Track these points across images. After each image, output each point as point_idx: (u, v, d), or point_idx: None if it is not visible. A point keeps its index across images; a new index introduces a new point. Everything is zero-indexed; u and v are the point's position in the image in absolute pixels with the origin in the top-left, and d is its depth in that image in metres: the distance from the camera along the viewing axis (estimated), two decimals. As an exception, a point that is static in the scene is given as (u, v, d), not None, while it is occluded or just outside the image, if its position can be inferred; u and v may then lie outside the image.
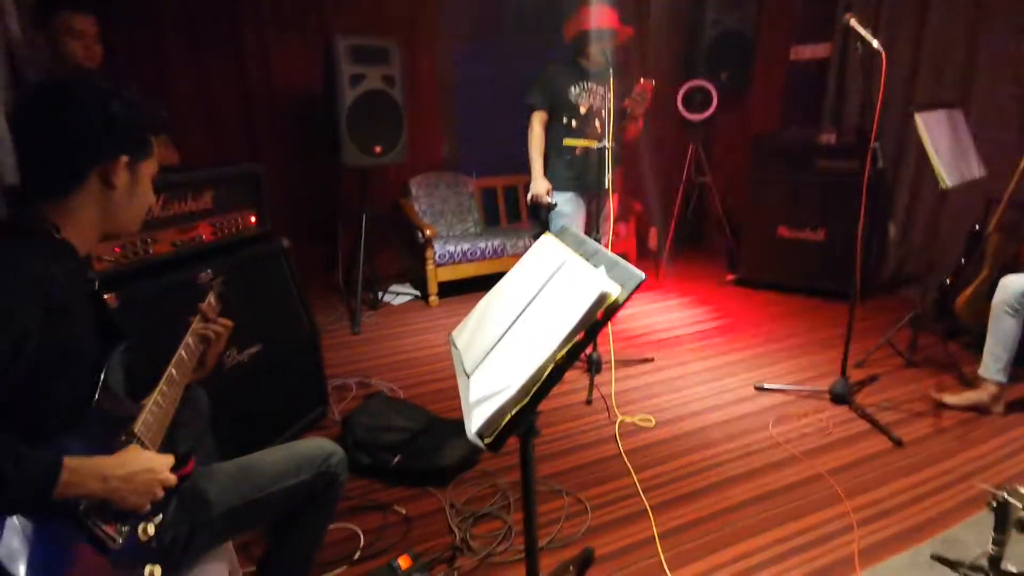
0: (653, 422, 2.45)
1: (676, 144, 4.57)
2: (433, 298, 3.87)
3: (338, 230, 4.00)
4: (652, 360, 3.03)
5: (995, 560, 1.54)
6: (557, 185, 3.01)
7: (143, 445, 1.01)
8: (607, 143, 2.62)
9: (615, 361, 2.87)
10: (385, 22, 3.87)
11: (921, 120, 2.47)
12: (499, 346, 1.15)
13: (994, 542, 1.52)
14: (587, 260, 1.15)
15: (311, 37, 3.76)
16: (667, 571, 1.66)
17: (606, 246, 2.69)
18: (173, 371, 1.14)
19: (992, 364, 2.38)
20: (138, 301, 1.67)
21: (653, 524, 1.85)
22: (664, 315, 3.66)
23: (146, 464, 0.96)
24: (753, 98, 4.63)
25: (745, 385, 2.75)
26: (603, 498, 2.00)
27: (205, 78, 3.58)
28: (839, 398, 2.52)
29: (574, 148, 3.00)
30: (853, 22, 2.28)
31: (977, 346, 2.46)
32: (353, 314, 3.56)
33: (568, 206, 3.05)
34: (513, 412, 0.96)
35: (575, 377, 2.82)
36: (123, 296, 1.63)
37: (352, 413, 2.32)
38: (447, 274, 3.89)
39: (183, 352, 1.16)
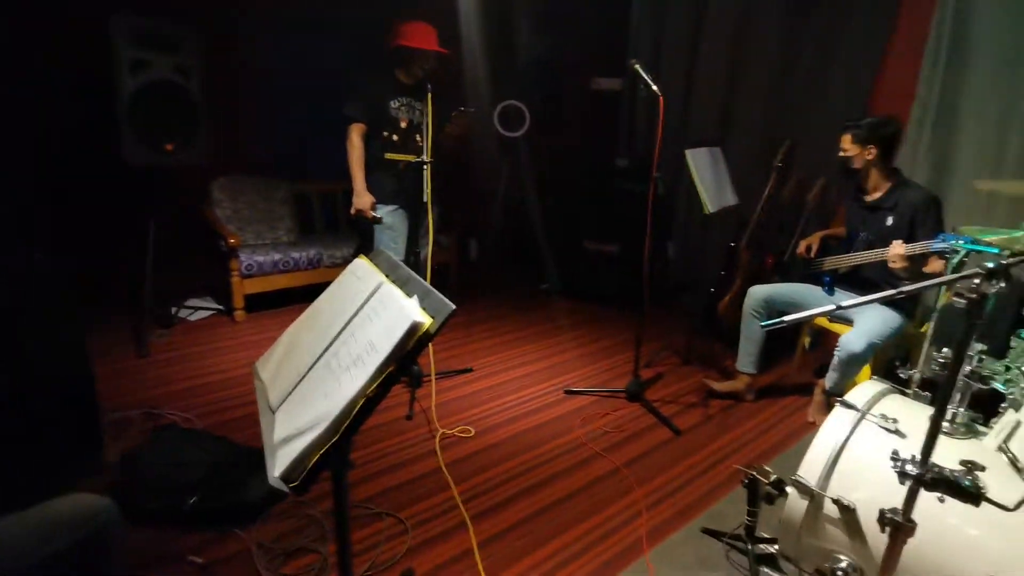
0: (472, 432, 2.53)
1: (494, 160, 4.76)
2: (239, 313, 3.53)
3: (122, 238, 3.44)
4: (471, 370, 3.12)
5: (750, 528, 1.86)
6: (381, 199, 2.97)
7: None
8: (426, 157, 2.66)
9: (436, 373, 2.89)
10: (182, 7, 3.44)
11: (690, 156, 2.92)
12: (307, 379, 1.10)
13: (748, 514, 1.85)
14: (401, 287, 1.15)
15: (80, 12, 3.18)
16: (485, 580, 1.73)
17: (427, 258, 2.76)
18: None
19: (744, 359, 2.89)
20: None
21: (472, 535, 1.90)
22: (484, 324, 3.80)
23: None
24: (562, 120, 5.03)
25: (556, 390, 2.97)
26: (424, 515, 2.00)
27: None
28: (633, 396, 2.85)
29: (397, 162, 2.98)
30: (638, 67, 2.60)
31: (735, 344, 2.95)
32: (139, 334, 3.09)
33: (392, 219, 3.02)
34: (322, 451, 0.92)
35: (395, 392, 2.79)
36: None
37: (135, 451, 2.02)
38: (256, 286, 3.58)
39: None
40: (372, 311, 1.12)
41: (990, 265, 0.95)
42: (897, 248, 2.28)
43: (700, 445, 2.52)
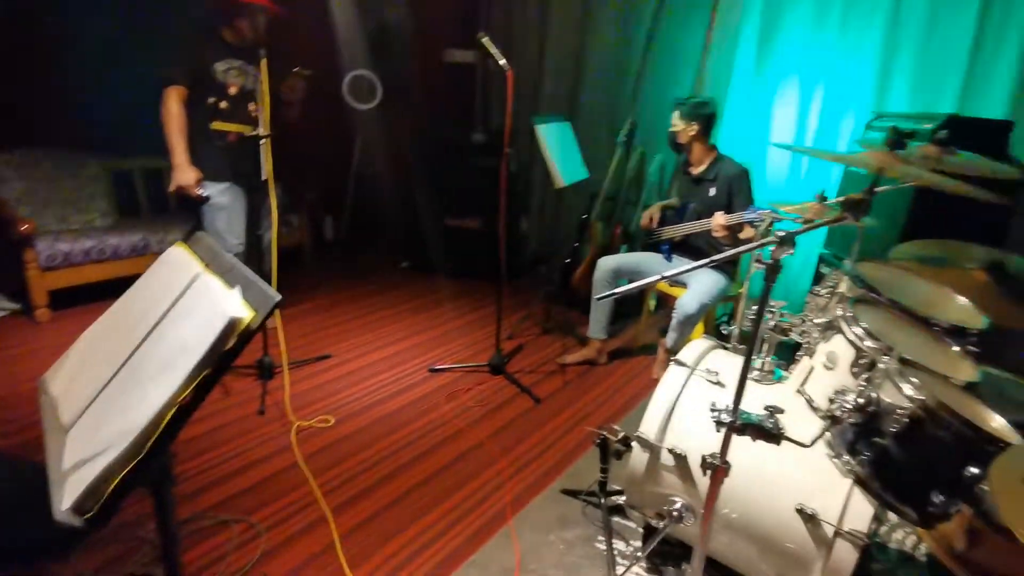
0: (332, 421, 2.42)
1: (344, 133, 4.52)
2: (42, 311, 3.02)
3: None
4: (330, 356, 2.98)
5: (603, 484, 1.99)
6: (209, 175, 2.67)
7: None
8: (262, 130, 2.44)
9: (290, 363, 2.72)
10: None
11: (541, 131, 2.98)
12: (108, 390, 0.95)
13: (601, 471, 1.98)
14: (221, 278, 1.03)
15: None
16: (347, 573, 1.67)
17: (272, 241, 2.55)
18: None
19: (595, 325, 3.07)
20: None
21: (333, 527, 1.83)
22: (343, 306, 3.63)
23: None
24: (417, 92, 4.88)
25: (421, 368, 2.93)
26: (281, 514, 1.89)
27: None
28: (495, 369, 2.90)
29: (226, 133, 2.69)
30: (486, 40, 2.58)
31: (590, 311, 3.12)
32: (-101, 346, 2.53)
33: (224, 197, 2.74)
34: (123, 474, 0.81)
35: (246, 387, 2.59)
36: None
37: (-101, 492, 1.65)
38: (63, 279, 3.08)
39: None
40: (187, 307, 1.00)
41: (781, 234, 1.08)
42: (718, 219, 2.53)
43: (559, 410, 2.64)
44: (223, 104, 2.67)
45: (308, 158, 4.41)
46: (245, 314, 0.90)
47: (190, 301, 1.00)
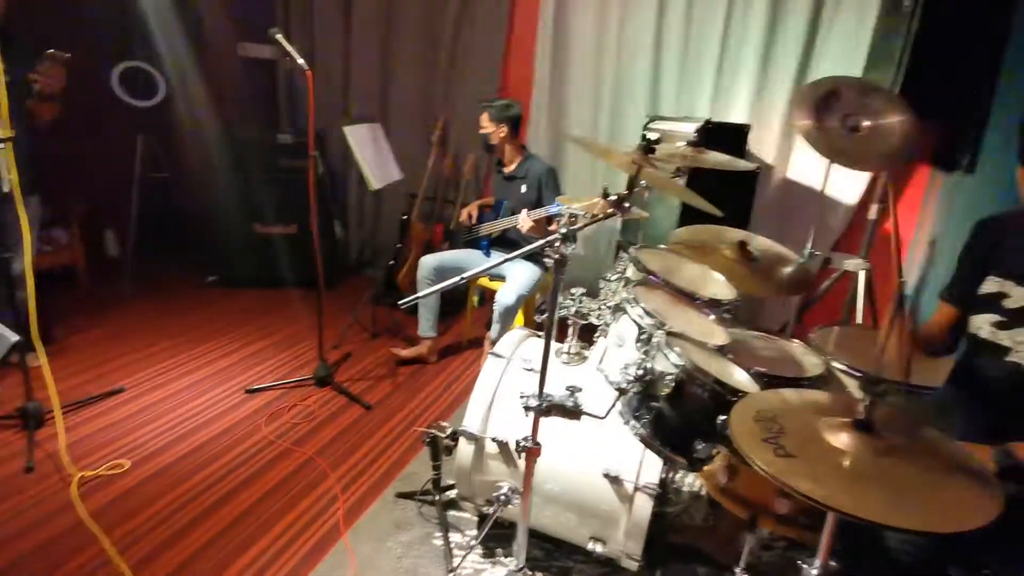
0: (127, 465, 2.12)
1: (120, 134, 3.94)
2: None
3: None
4: (123, 390, 2.61)
5: (437, 481, 2.02)
6: None
7: None
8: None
9: (69, 404, 2.33)
10: None
11: (349, 133, 2.90)
12: None
13: (434, 468, 2.00)
14: (-66, 320, 0.85)
15: None
16: (155, 631, 1.50)
17: (29, 264, 2.15)
18: None
19: (424, 324, 3.09)
20: None
21: (135, 586, 1.62)
22: (136, 332, 3.18)
23: None
24: (211, 89, 4.42)
25: (235, 391, 2.70)
26: (62, 585, 1.62)
27: None
28: (321, 381, 2.78)
29: (-48, 136, 2.20)
30: (279, 37, 2.43)
31: (417, 312, 3.13)
32: None
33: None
34: None
35: (5, 441, 2.16)
36: None
37: None
38: None
39: None
40: None
41: (563, 230, 1.19)
42: (525, 217, 2.70)
43: (391, 414, 2.62)
44: (-54, 101, 2.17)
45: (76, 163, 3.77)
46: (-31, 362, 0.75)
47: None
